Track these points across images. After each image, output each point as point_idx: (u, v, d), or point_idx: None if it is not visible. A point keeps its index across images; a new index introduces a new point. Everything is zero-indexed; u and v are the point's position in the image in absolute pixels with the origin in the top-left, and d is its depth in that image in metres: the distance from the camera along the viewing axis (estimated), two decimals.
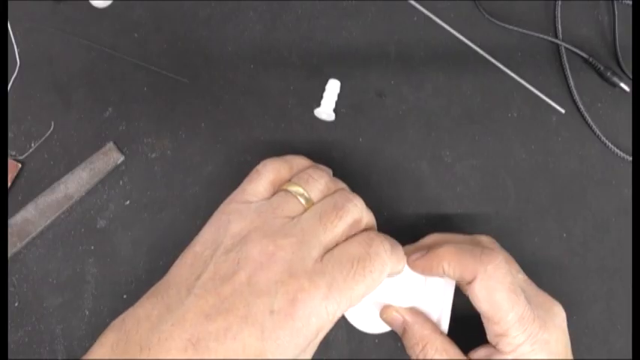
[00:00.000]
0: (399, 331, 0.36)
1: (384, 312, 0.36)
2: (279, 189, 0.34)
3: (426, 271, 0.34)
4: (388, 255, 0.31)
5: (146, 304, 0.30)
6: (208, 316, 0.27)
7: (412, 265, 0.35)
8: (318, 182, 0.34)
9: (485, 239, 0.37)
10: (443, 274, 0.34)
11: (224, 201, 0.34)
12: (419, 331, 0.34)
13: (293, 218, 0.31)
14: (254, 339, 0.27)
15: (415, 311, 0.35)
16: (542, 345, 0.32)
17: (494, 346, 0.33)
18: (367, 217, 0.34)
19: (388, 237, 0.33)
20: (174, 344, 0.27)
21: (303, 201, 0.32)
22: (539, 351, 0.32)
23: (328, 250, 0.31)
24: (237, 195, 0.34)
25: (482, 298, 0.32)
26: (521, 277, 0.35)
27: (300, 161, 0.36)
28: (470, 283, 0.33)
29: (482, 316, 0.34)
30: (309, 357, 0.31)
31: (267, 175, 0.34)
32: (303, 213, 0.32)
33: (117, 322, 0.30)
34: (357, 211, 0.32)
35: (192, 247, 0.32)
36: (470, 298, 0.33)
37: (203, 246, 0.31)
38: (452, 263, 0.33)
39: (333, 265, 0.29)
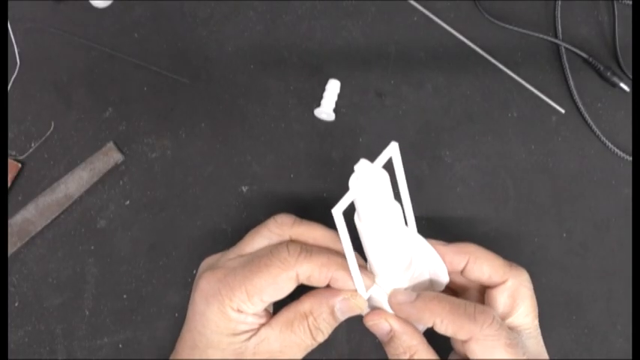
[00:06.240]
0: (383, 339, 0.34)
1: (370, 318, 0.34)
2: None
3: (414, 321, 0.34)
4: None
5: None
6: None
7: (398, 310, 0.34)
8: None
9: (524, 276, 0.35)
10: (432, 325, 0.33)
11: None
12: (407, 341, 0.33)
13: None
14: None
15: (403, 320, 0.34)
16: None
17: None
18: None
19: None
20: None
21: None
22: None
23: None
24: None
25: (481, 358, 0.32)
26: (535, 323, 0.35)
27: None
28: (465, 342, 0.32)
29: None
30: None
31: None
32: None
33: None
34: None
35: None
36: (467, 355, 0.32)
37: None
38: (445, 321, 0.32)
39: None
